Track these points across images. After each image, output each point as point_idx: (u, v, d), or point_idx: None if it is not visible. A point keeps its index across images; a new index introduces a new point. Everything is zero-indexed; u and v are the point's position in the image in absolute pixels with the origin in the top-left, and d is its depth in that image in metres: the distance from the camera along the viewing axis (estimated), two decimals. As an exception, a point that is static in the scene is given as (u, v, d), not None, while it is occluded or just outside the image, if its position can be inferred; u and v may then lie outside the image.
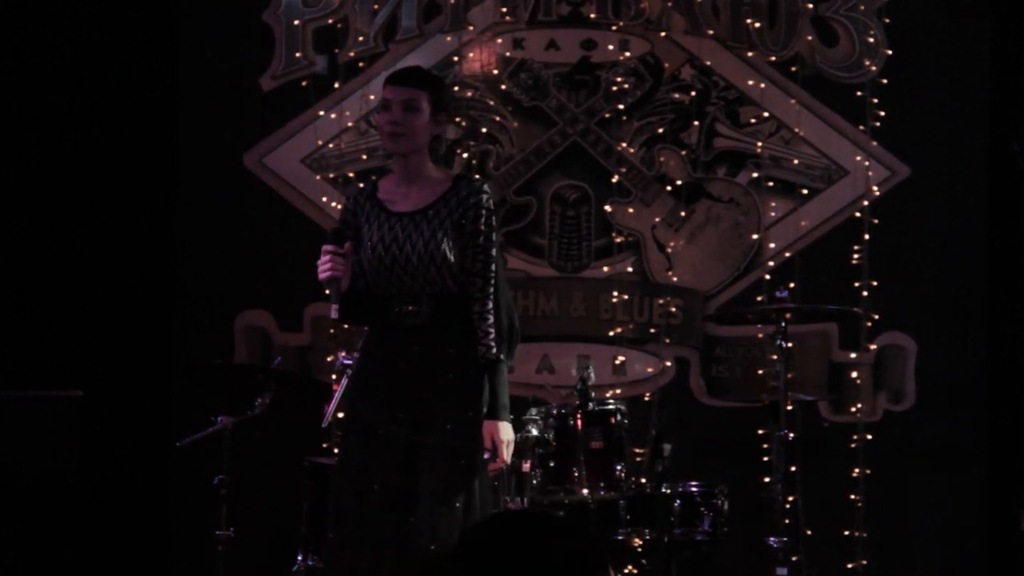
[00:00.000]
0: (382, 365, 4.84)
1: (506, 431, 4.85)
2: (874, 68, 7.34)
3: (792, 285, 6.97)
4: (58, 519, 6.68)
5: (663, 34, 7.36)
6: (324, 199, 7.30)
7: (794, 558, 6.73)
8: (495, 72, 7.35)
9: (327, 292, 4.86)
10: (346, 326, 6.93)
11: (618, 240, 7.33)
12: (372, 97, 7.33)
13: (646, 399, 7.19)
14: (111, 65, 7.24)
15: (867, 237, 7.30)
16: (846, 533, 7.16)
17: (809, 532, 7.03)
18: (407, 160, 4.90)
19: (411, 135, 4.84)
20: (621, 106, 7.33)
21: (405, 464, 4.72)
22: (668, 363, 7.31)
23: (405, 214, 4.84)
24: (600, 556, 2.65)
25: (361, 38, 7.37)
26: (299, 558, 6.02)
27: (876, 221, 7.31)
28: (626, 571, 6.35)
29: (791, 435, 6.46)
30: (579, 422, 6.06)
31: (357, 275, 4.90)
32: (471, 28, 7.35)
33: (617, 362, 7.28)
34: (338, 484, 4.88)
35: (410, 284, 4.79)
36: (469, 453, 4.80)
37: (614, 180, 7.35)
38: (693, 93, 7.35)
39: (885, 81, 7.33)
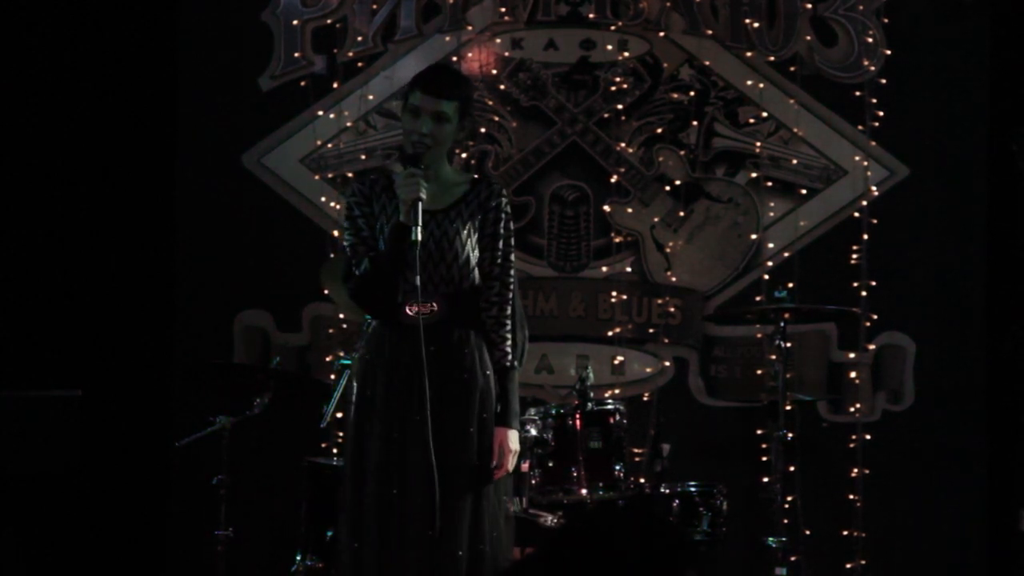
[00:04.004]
0: (394, 365, 4.76)
1: (514, 439, 4.82)
2: (873, 68, 7.34)
3: (791, 285, 6.98)
4: (58, 519, 6.68)
5: (662, 34, 7.36)
6: (323, 199, 7.30)
7: (793, 558, 6.73)
8: (494, 72, 7.36)
9: (406, 220, 4.66)
10: (344, 319, 6.96)
11: (617, 240, 7.34)
12: (371, 97, 7.34)
13: (645, 399, 7.20)
14: (111, 65, 7.25)
15: (866, 237, 7.30)
16: (845, 533, 7.16)
17: (808, 532, 7.03)
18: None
19: (438, 146, 4.80)
20: (620, 106, 7.34)
21: (423, 468, 4.64)
22: (667, 363, 7.32)
23: (424, 212, 4.72)
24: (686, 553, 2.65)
25: (360, 38, 7.37)
26: (298, 558, 6.02)
27: (875, 221, 7.32)
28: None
29: (790, 435, 6.47)
30: (578, 422, 6.05)
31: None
32: (470, 28, 7.36)
33: (616, 362, 7.29)
34: (353, 489, 4.78)
35: (424, 282, 4.71)
36: (486, 456, 4.78)
37: (613, 180, 7.35)
38: (692, 93, 7.35)
39: (884, 81, 7.33)
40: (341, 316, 7.10)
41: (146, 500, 7.16)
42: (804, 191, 7.35)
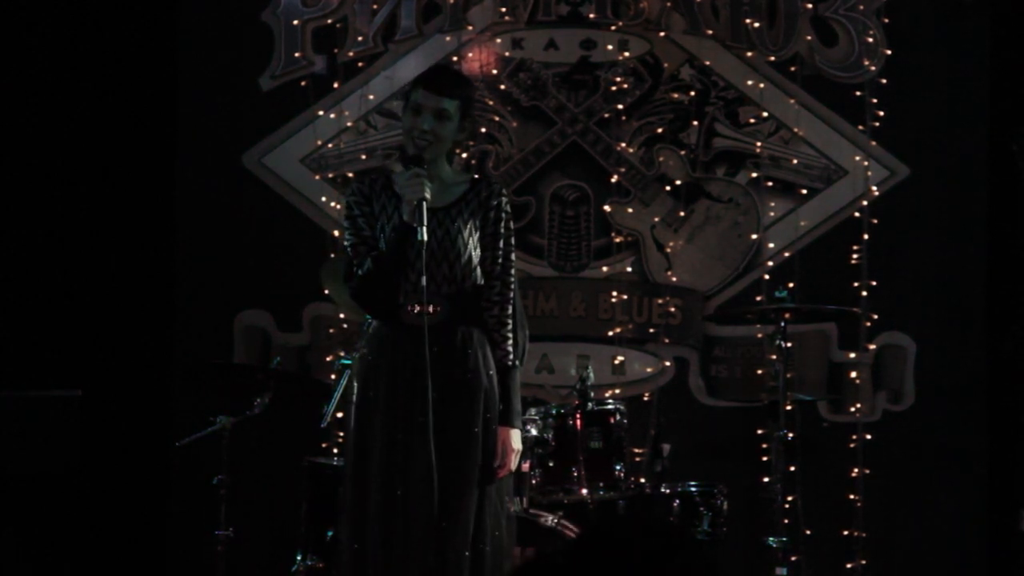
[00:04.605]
0: (397, 366, 4.75)
1: (517, 439, 4.84)
2: (873, 68, 7.34)
3: (791, 285, 6.97)
4: (58, 519, 6.68)
5: (662, 34, 7.36)
6: (323, 199, 7.30)
7: (794, 558, 6.73)
8: (494, 72, 7.35)
9: (409, 218, 4.67)
10: (345, 315, 6.95)
11: (617, 240, 7.34)
12: (372, 97, 7.34)
13: (645, 399, 7.19)
14: (112, 65, 7.25)
15: (866, 237, 7.30)
16: (845, 533, 7.16)
17: (808, 532, 7.02)
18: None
19: (438, 143, 4.81)
20: (620, 106, 7.34)
21: (427, 468, 4.63)
22: (667, 363, 7.31)
23: (426, 211, 4.72)
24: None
25: (360, 38, 7.37)
26: (298, 558, 6.02)
27: (875, 221, 7.32)
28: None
29: (790, 435, 6.47)
30: (578, 422, 6.05)
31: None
32: (470, 28, 7.36)
33: (616, 362, 7.28)
34: (354, 490, 4.78)
35: (427, 282, 4.71)
36: (489, 456, 4.78)
37: (613, 180, 7.35)
38: (692, 93, 7.35)
39: (884, 81, 7.33)
40: (341, 316, 7.10)
41: (146, 500, 7.16)
42: (804, 191, 7.35)
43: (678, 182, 7.35)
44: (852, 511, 7.18)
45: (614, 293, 7.31)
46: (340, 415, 6.03)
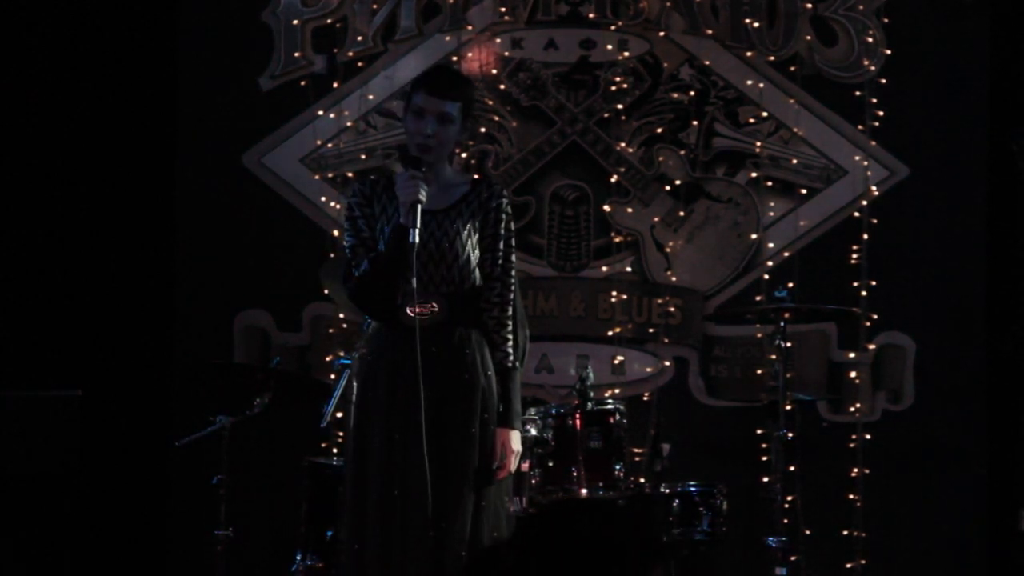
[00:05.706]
0: (396, 366, 4.75)
1: (516, 440, 4.84)
2: (873, 68, 7.34)
3: (791, 285, 6.98)
4: (58, 519, 6.68)
5: (662, 34, 7.36)
6: (323, 199, 7.30)
7: (793, 558, 6.74)
8: (494, 72, 7.36)
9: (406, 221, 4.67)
10: (345, 316, 6.96)
11: (617, 240, 7.34)
12: (371, 97, 7.34)
13: (645, 399, 7.19)
14: (112, 65, 7.25)
15: (866, 237, 7.30)
16: (845, 533, 7.16)
17: (808, 532, 7.03)
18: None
19: (442, 146, 4.81)
20: (620, 106, 7.34)
21: (425, 468, 4.62)
22: (667, 363, 7.32)
23: (425, 212, 4.72)
24: (658, 546, 2.67)
25: (360, 38, 7.37)
26: (298, 558, 6.02)
27: (875, 221, 7.32)
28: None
29: (790, 435, 6.47)
30: (578, 422, 6.06)
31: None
32: (470, 28, 7.36)
33: (616, 362, 7.29)
34: (354, 490, 4.79)
35: (426, 282, 4.73)
36: (487, 456, 4.77)
37: (613, 180, 7.35)
38: (692, 93, 7.35)
39: (884, 81, 7.33)
40: (341, 316, 7.10)
41: (146, 500, 7.16)
42: (804, 191, 7.35)
43: (678, 182, 7.35)
44: (852, 511, 7.18)
45: (614, 293, 7.31)
46: (340, 415, 6.04)
